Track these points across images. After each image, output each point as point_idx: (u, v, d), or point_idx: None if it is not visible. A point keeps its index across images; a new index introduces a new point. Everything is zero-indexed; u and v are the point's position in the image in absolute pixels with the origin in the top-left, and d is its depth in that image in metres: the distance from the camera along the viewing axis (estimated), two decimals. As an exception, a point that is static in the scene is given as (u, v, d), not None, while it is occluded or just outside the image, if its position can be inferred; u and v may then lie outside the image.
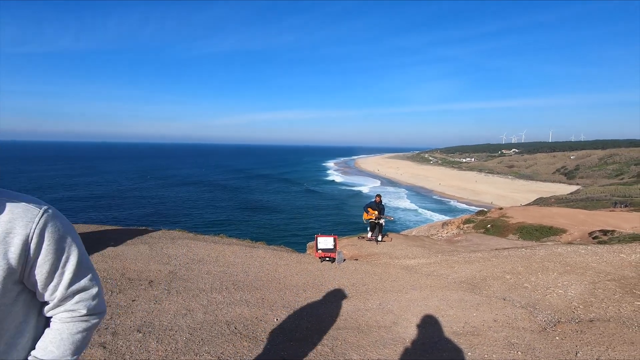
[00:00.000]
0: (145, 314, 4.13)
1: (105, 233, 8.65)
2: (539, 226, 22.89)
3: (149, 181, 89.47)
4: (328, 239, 7.37)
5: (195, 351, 3.38)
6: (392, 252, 9.56)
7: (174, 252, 7.07)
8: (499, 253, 8.51)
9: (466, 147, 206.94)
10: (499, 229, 23.83)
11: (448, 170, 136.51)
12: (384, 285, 5.97)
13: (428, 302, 5.15)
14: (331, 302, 5.01)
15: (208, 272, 5.98)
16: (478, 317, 4.62)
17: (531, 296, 5.61)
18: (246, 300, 4.80)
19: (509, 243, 14.93)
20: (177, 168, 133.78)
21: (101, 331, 3.64)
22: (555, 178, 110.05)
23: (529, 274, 6.72)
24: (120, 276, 5.42)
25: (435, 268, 7.39)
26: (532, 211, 30.44)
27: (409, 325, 4.28)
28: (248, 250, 7.76)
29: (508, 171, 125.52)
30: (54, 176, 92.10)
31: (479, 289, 5.99)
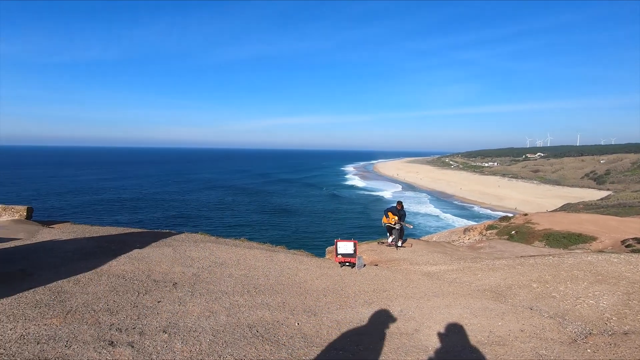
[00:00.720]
0: (170, 315, 4.25)
1: (132, 236, 8.95)
2: (567, 233, 21.97)
3: (172, 185, 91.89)
4: (348, 244, 7.35)
5: (219, 353, 3.45)
6: (412, 258, 9.43)
7: (197, 255, 7.24)
8: (525, 261, 8.23)
9: (488, 152, 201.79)
10: (524, 236, 23.03)
11: (469, 175, 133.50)
12: (405, 291, 5.90)
13: (451, 309, 5.04)
14: (352, 307, 4.99)
15: (230, 275, 6.08)
16: (503, 326, 4.49)
17: (560, 306, 5.40)
18: (267, 304, 4.85)
19: (535, 250, 14.42)
20: (199, 172, 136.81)
21: (129, 330, 3.77)
22: (584, 183, 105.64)
23: (557, 283, 6.47)
24: (146, 278, 5.60)
25: (457, 275, 7.23)
26: (559, 217, 29.30)
27: (431, 333, 4.21)
28: (268, 254, 7.84)
29: (533, 176, 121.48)
30: (85, 180, 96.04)
31: (504, 297, 5.82)
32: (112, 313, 4.19)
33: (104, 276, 5.49)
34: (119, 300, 4.60)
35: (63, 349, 3.34)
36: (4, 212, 10.70)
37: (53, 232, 8.87)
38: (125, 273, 5.72)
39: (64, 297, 4.58)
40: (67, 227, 9.89)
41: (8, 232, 8.33)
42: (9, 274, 5.36)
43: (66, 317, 4.01)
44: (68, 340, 3.50)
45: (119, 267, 5.99)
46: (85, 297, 4.60)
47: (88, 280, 5.27)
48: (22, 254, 6.57)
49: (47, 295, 4.60)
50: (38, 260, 6.13)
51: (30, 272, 5.54)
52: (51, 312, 4.12)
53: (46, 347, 3.34)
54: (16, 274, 5.40)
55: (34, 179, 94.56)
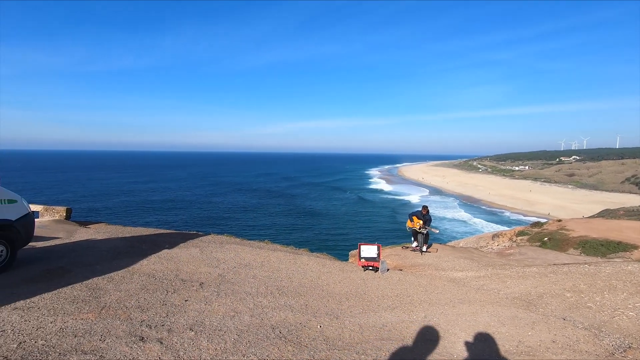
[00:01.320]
0: (196, 314, 4.38)
1: (161, 236, 9.30)
2: (605, 241, 20.78)
3: (199, 188, 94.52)
4: (371, 248, 7.30)
5: (243, 352, 3.52)
6: (437, 264, 9.23)
7: (223, 256, 7.42)
8: (558, 269, 7.86)
9: (519, 155, 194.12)
10: (558, 243, 21.98)
11: (499, 179, 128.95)
12: (429, 297, 5.79)
13: (477, 317, 4.90)
14: (374, 312, 4.95)
15: (254, 276, 6.19)
16: (534, 336, 4.31)
17: (596, 317, 5.12)
18: (290, 306, 4.90)
19: (569, 258, 13.73)
20: (225, 175, 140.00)
21: (158, 327, 3.92)
22: (625, 188, 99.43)
23: (593, 293, 6.14)
24: (174, 277, 5.80)
25: (485, 282, 7.01)
26: (596, 224, 27.75)
27: (456, 340, 4.11)
28: (292, 256, 7.92)
29: (568, 180, 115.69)
30: (118, 183, 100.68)
31: (535, 306, 5.59)
32: (142, 310, 4.37)
33: (136, 275, 5.73)
34: (149, 298, 4.79)
35: (98, 342, 3.52)
36: (46, 213, 11.41)
37: (89, 232, 9.36)
38: (155, 272, 5.95)
39: (99, 293, 4.82)
40: (102, 227, 10.40)
41: (49, 232, 8.87)
42: (50, 271, 5.71)
43: (101, 312, 4.22)
44: (102, 334, 3.68)
45: (149, 267, 6.24)
46: (118, 294, 4.83)
47: (121, 278, 5.52)
48: (62, 252, 6.98)
49: (84, 291, 4.86)
50: (75, 259, 6.49)
51: (68, 269, 5.88)
52: (87, 307, 4.35)
53: (83, 340, 3.53)
54: (56, 271, 5.75)
55: (72, 182, 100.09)
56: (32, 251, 6.87)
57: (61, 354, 3.27)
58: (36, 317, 3.95)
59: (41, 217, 11.02)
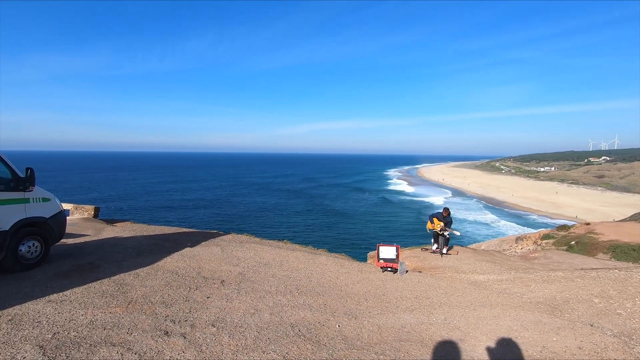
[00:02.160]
0: (218, 311, 4.50)
1: (183, 235, 9.55)
2: (638, 245, 19.79)
3: (220, 188, 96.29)
4: (390, 249, 7.27)
5: (263, 349, 3.59)
6: (458, 266, 9.07)
7: (243, 255, 7.56)
8: (585, 273, 7.58)
9: (545, 155, 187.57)
10: (586, 247, 21.11)
11: (523, 181, 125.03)
12: (449, 299, 5.71)
13: (499, 321, 4.80)
14: (393, 313, 4.93)
15: (273, 275, 6.28)
16: (559, 342, 4.19)
17: (626, 324, 4.92)
18: (309, 305, 4.95)
19: (598, 263, 13.16)
20: (245, 176, 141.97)
21: (182, 322, 4.06)
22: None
23: (624, 299, 5.89)
24: (196, 274, 5.96)
25: (507, 285, 6.84)
26: (628, 228, 26.46)
27: (477, 343, 4.04)
28: (310, 256, 7.97)
29: (597, 182, 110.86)
30: (144, 183, 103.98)
31: (560, 311, 5.42)
32: (167, 306, 4.53)
33: (160, 271, 5.93)
34: (173, 294, 4.95)
35: (125, 335, 3.67)
36: (76, 211, 11.93)
37: (116, 230, 9.73)
38: (178, 269, 6.13)
39: (126, 289, 5.02)
40: (127, 225, 10.79)
41: (79, 229, 9.28)
42: (80, 266, 5.99)
43: (128, 307, 4.40)
44: (129, 328, 3.84)
45: (172, 264, 6.44)
46: (144, 290, 5.01)
47: (146, 274, 5.73)
48: (91, 248, 7.30)
49: (112, 286, 5.08)
50: (103, 255, 6.78)
51: (97, 265, 6.15)
52: (115, 301, 4.54)
53: (111, 333, 3.70)
54: (85, 266, 6.02)
55: (99, 182, 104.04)
56: (64, 247, 7.22)
57: (92, 345, 3.44)
58: (68, 310, 4.16)
59: (71, 215, 11.55)
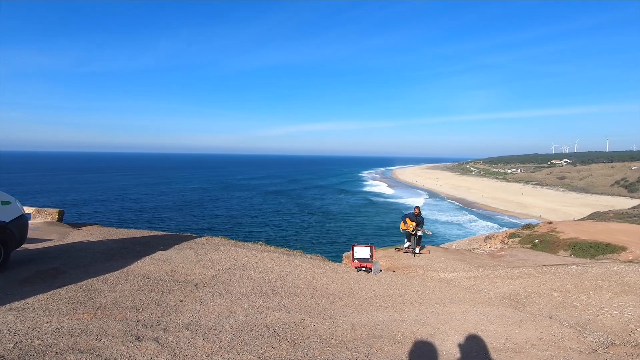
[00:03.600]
0: (192, 314, 4.45)
1: (155, 238, 9.31)
2: (594, 243, 21.15)
3: (194, 191, 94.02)
4: (364, 249, 7.42)
5: (238, 350, 3.60)
6: (429, 265, 9.37)
7: (217, 257, 7.48)
8: (546, 269, 8.04)
9: (511, 158, 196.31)
10: (548, 245, 22.32)
11: (491, 182, 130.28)
12: (420, 297, 5.91)
13: (467, 316, 5.03)
14: (367, 311, 5.05)
15: (248, 277, 6.26)
16: (521, 334, 4.45)
17: (581, 316, 5.28)
18: (284, 306, 4.98)
19: (559, 260, 13.97)
20: (222, 177, 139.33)
21: (154, 327, 3.98)
22: (614, 191, 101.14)
23: (580, 293, 6.31)
24: (169, 278, 5.85)
25: (475, 282, 7.16)
26: (586, 226, 28.21)
27: (446, 338, 4.23)
28: (286, 258, 8.00)
29: (559, 183, 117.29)
30: (111, 185, 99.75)
31: (523, 305, 5.74)
32: (138, 310, 4.42)
33: (130, 276, 5.77)
34: (144, 298, 4.84)
35: (94, 341, 3.57)
36: (38, 215, 11.33)
37: (82, 233, 9.34)
38: (149, 273, 5.99)
39: (94, 294, 4.86)
40: (95, 229, 10.37)
41: (41, 234, 8.84)
42: (44, 272, 5.72)
43: (96, 312, 4.27)
44: (98, 334, 3.73)
45: (143, 268, 6.27)
46: (114, 295, 4.87)
47: (115, 279, 5.56)
48: (55, 253, 6.98)
49: (79, 292, 4.89)
50: (69, 260, 6.50)
51: (62, 270, 5.89)
52: (82, 307, 4.39)
53: (79, 340, 3.58)
54: (50, 272, 5.76)
55: (65, 184, 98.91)
56: (25, 253, 6.86)
57: (58, 353, 3.32)
58: (32, 318, 3.98)
59: (33, 219, 10.95)
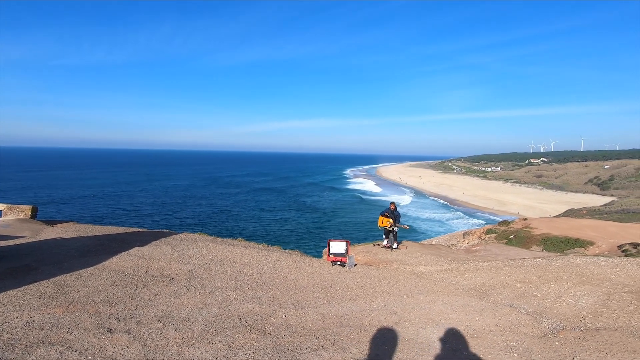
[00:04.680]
0: (165, 307, 4.53)
1: (132, 235, 9.26)
2: (565, 238, 22.10)
3: (174, 188, 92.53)
4: (340, 244, 7.61)
5: (209, 339, 3.72)
6: (405, 259, 9.66)
7: (194, 253, 7.53)
8: (513, 262, 8.45)
9: (492, 156, 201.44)
10: (522, 240, 23.18)
11: (472, 180, 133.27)
12: (391, 289, 6.15)
13: (432, 305, 5.29)
14: (338, 302, 5.25)
15: (225, 272, 6.36)
16: (480, 321, 4.73)
17: (539, 304, 5.62)
18: (258, 298, 5.12)
19: (530, 254, 14.59)
20: (202, 175, 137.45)
21: (127, 320, 4.05)
22: (588, 189, 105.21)
23: (541, 284, 6.69)
24: (144, 273, 5.89)
25: (445, 275, 7.47)
26: (558, 222, 29.38)
27: (410, 325, 4.46)
28: (264, 253, 8.12)
29: (536, 181, 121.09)
30: (88, 181, 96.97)
31: (487, 295, 6.06)
32: (111, 304, 4.47)
33: (105, 271, 5.78)
34: (118, 293, 4.89)
35: (65, 334, 3.62)
36: (9, 212, 11.04)
37: (56, 230, 9.19)
38: (124, 269, 6.01)
39: (67, 289, 4.87)
40: (70, 226, 10.21)
41: (13, 231, 8.66)
42: (15, 269, 5.67)
43: (68, 307, 4.30)
44: (70, 327, 3.78)
45: (119, 264, 6.28)
46: (87, 290, 4.89)
47: (89, 275, 5.56)
48: (27, 250, 6.88)
49: (51, 288, 4.89)
50: (42, 257, 6.43)
51: (34, 267, 5.84)
52: (54, 302, 4.41)
53: (49, 333, 3.62)
54: (21, 269, 5.71)
55: (39, 180, 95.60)
56: (-4, 249, 6.75)
57: (27, 346, 3.37)
58: (1, 313, 3.99)
59: (4, 215, 10.67)
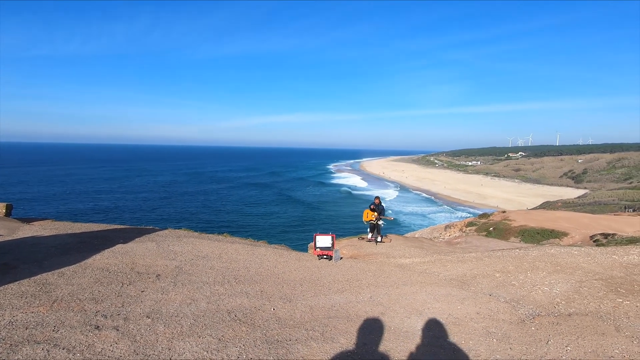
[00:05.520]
0: (153, 303, 4.52)
1: (114, 232, 9.10)
2: (541, 229, 22.99)
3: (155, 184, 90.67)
4: (326, 238, 7.72)
5: (199, 334, 3.75)
6: (389, 252, 9.88)
7: (180, 249, 7.48)
8: (493, 253, 8.77)
9: (472, 151, 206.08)
10: (501, 232, 23.96)
11: (454, 174, 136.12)
12: (376, 281, 6.31)
13: (416, 296, 5.47)
14: (325, 295, 5.36)
15: (211, 267, 6.37)
16: (462, 310, 4.93)
17: (517, 293, 5.89)
18: (246, 292, 5.17)
19: (509, 245, 15.12)
20: (187, 169, 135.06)
21: (114, 316, 4.03)
22: (563, 182, 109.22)
23: (519, 273, 6.99)
24: (129, 270, 5.83)
25: (428, 266, 7.70)
26: (535, 215, 30.46)
27: (395, 315, 4.62)
28: (250, 248, 8.15)
29: (515, 175, 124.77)
30: (66, 178, 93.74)
31: (468, 285, 6.29)
32: (97, 302, 4.43)
33: (88, 269, 5.69)
34: (104, 290, 4.83)
35: (51, 332, 3.58)
36: (-17, 210, 10.63)
37: (34, 228, 8.94)
38: (109, 266, 5.93)
39: (49, 288, 4.78)
40: (48, 224, 9.93)
41: (-12, 229, 8.37)
42: (-7, 268, 5.50)
43: (52, 305, 4.23)
44: (55, 325, 3.73)
45: (102, 261, 6.19)
46: (71, 288, 4.82)
47: (72, 273, 5.47)
48: (4, 249, 6.67)
49: (32, 286, 4.79)
50: (21, 255, 6.26)
51: (13, 265, 5.69)
52: (37, 301, 4.33)
53: (35, 332, 3.57)
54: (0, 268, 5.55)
55: (12, 177, 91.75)
56: (-29, 249, 6.53)
57: (12, 345, 3.32)
58: (-18, 313, 3.90)
59: (-23, 214, 10.28)
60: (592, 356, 3.61)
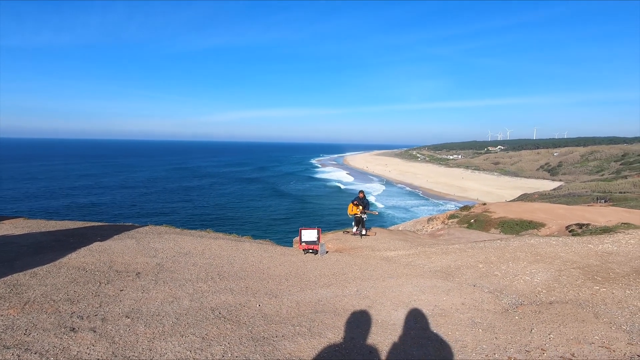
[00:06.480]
0: (133, 302, 4.35)
1: (91, 229, 8.76)
2: (520, 220, 23.66)
3: (133, 180, 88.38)
4: (312, 232, 7.65)
5: (182, 333, 3.62)
6: (374, 245, 9.90)
7: (161, 246, 7.26)
8: (475, 245, 8.93)
9: (453, 145, 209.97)
10: (482, 224, 24.52)
11: (435, 167, 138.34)
12: (362, 274, 6.29)
13: (402, 288, 5.48)
14: (311, 289, 5.30)
15: (194, 264, 6.20)
16: (448, 301, 4.97)
17: (500, 283, 5.99)
18: (230, 289, 5.05)
19: (490, 237, 15.47)
20: (166, 164, 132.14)
21: (91, 317, 3.85)
22: (539, 174, 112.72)
23: (501, 263, 7.13)
24: (107, 269, 5.60)
25: (413, 259, 7.75)
26: (514, 207, 31.32)
27: (382, 308, 4.60)
28: (234, 243, 7.99)
29: (494, 168, 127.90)
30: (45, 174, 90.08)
31: (452, 276, 6.36)
32: (72, 302, 4.22)
33: (63, 268, 5.43)
34: (80, 290, 4.62)
35: (22, 336, 3.37)
36: (-51, 208, 10.04)
37: (4, 227, 8.50)
38: (85, 265, 5.68)
39: (21, 289, 4.53)
40: (19, 222, 9.46)
41: (-46, 228, 7.91)
42: (-42, 269, 5.18)
43: (24, 307, 4.00)
44: (27, 328, 3.53)
45: (78, 260, 5.92)
46: (44, 289, 4.58)
47: (46, 272, 5.20)
48: (-28, 249, 6.31)
49: (2, 288, 4.53)
50: (-10, 255, 5.93)
51: (-19, 266, 5.37)
52: (7, 304, 4.09)
53: (4, 336, 3.36)
54: (-34, 269, 5.23)
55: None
56: None
57: (-21, 351, 3.11)
58: (-55, 317, 3.64)
59: (-58, 212, 9.70)
60: (574, 343, 3.69)
